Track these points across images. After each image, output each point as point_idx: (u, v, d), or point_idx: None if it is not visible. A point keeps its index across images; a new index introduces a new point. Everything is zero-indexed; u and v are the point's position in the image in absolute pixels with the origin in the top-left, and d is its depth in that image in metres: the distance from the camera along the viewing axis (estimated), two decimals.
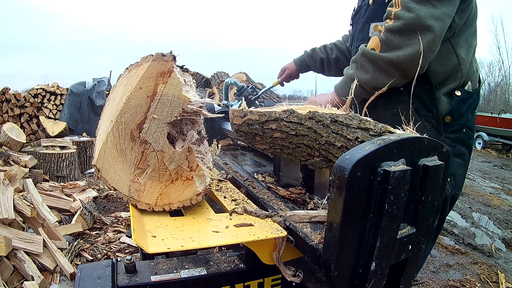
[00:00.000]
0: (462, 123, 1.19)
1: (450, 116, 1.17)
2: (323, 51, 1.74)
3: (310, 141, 0.83)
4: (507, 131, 9.57)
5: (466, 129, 1.20)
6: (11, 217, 2.15)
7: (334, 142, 0.76)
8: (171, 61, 0.84)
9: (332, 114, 0.79)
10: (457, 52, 1.14)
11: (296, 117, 0.85)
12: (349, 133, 0.74)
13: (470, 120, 1.21)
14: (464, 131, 1.20)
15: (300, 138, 0.86)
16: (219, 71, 5.99)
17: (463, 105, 1.17)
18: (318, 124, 0.80)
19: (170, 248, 0.66)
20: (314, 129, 0.81)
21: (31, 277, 1.97)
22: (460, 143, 1.21)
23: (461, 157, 1.22)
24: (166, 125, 0.85)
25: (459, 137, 1.19)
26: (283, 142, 0.92)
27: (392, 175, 0.57)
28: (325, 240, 0.63)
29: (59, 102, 5.75)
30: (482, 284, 2.57)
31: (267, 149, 1.04)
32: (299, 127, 0.85)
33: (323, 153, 0.82)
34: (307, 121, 0.83)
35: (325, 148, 0.80)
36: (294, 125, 0.86)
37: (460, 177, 1.26)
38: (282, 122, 0.89)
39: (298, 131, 0.85)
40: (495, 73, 19.06)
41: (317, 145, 0.82)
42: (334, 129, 0.77)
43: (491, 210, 4.40)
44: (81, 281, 0.80)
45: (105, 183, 0.86)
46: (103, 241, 2.67)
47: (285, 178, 1.07)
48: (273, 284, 0.95)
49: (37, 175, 3.48)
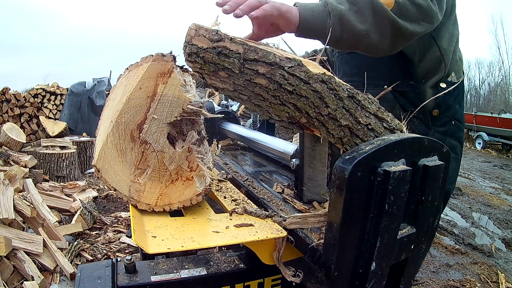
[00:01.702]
0: (450, 115, 1.19)
1: (437, 109, 1.16)
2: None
3: (307, 105, 0.71)
4: (507, 131, 9.56)
5: (455, 121, 1.20)
6: (11, 217, 2.15)
7: (339, 118, 0.69)
8: (171, 61, 0.84)
9: (351, 88, 0.70)
10: (439, 44, 1.12)
11: (304, 73, 0.69)
12: (362, 116, 0.69)
13: (458, 111, 1.20)
14: (453, 123, 1.19)
15: (295, 97, 0.71)
16: None
17: (449, 96, 1.16)
18: (330, 92, 0.69)
19: (170, 249, 0.66)
20: (322, 96, 0.69)
21: (31, 277, 1.97)
22: (450, 135, 1.19)
23: (453, 151, 1.20)
24: (166, 126, 0.85)
25: (448, 129, 1.18)
26: (263, 93, 0.75)
27: (392, 175, 0.57)
28: (325, 240, 0.63)
29: (59, 102, 5.75)
30: (482, 284, 2.57)
31: (230, 92, 0.81)
32: (303, 85, 0.70)
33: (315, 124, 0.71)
34: (317, 83, 0.69)
35: (323, 120, 0.71)
36: (296, 81, 0.70)
37: (453, 171, 1.24)
38: (279, 71, 0.71)
39: (299, 89, 0.70)
40: (495, 73, 19.09)
41: (314, 113, 0.71)
42: (347, 105, 0.68)
43: (491, 210, 4.40)
44: (81, 281, 0.80)
45: (105, 184, 0.86)
46: (103, 241, 2.67)
47: (309, 193, 0.91)
48: (273, 284, 0.95)
49: (37, 175, 3.48)
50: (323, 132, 0.73)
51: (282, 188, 1.02)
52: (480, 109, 16.48)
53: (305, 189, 0.91)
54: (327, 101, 0.69)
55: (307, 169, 0.89)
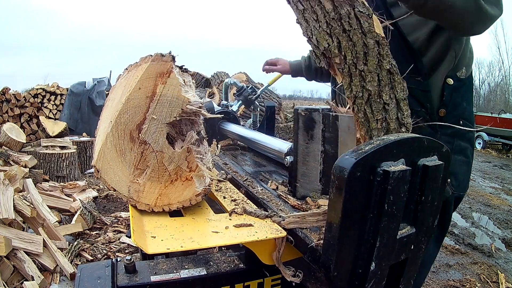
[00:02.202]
0: (458, 114, 1.10)
1: (444, 108, 1.07)
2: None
3: (350, 51, 0.72)
4: (507, 131, 9.56)
5: (463, 120, 1.11)
6: (11, 217, 2.15)
7: (368, 81, 0.71)
8: (170, 61, 0.84)
9: (395, 66, 0.73)
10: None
11: (368, 24, 0.71)
12: (386, 94, 0.71)
13: (466, 109, 1.12)
14: (461, 123, 1.10)
15: (345, 37, 0.71)
16: (219, 71, 5.99)
17: (456, 94, 1.09)
18: (376, 55, 0.72)
19: (170, 249, 0.66)
20: (367, 53, 0.71)
21: (31, 277, 1.97)
22: (459, 137, 1.10)
23: (463, 153, 1.13)
24: (166, 126, 0.85)
25: (457, 131, 1.07)
26: (321, 15, 0.73)
27: (392, 175, 0.57)
28: (325, 240, 0.63)
29: (59, 102, 5.75)
30: (482, 284, 2.57)
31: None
32: (359, 33, 0.70)
33: (345, 70, 0.73)
34: (371, 40, 0.71)
35: (353, 72, 0.72)
36: (356, 25, 0.70)
37: (463, 176, 1.15)
38: (348, 7, 0.71)
39: (353, 33, 0.70)
40: (495, 73, 19.06)
41: (351, 61, 0.72)
42: (382, 75, 0.71)
43: (491, 210, 4.40)
44: (81, 281, 0.80)
45: (105, 184, 0.86)
46: (103, 241, 2.67)
47: (302, 189, 0.93)
48: (273, 284, 0.95)
49: (37, 175, 3.48)
50: (345, 82, 0.73)
51: (276, 185, 1.04)
52: (480, 109, 16.45)
53: (299, 185, 0.93)
54: (368, 60, 0.70)
55: (300, 166, 0.92)
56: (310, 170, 0.90)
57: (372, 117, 0.74)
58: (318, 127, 0.87)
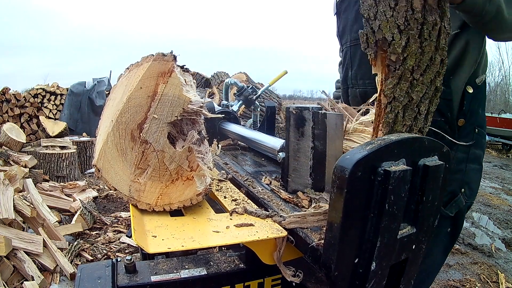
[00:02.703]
0: (474, 122, 1.08)
1: (463, 118, 1.04)
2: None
3: (411, 46, 0.68)
4: (507, 131, 9.56)
5: (478, 128, 1.10)
6: (11, 217, 2.15)
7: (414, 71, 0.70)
8: (172, 61, 0.84)
9: (441, 77, 0.73)
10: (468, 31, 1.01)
11: (443, 29, 0.69)
12: (419, 93, 0.70)
13: (480, 116, 1.10)
14: (476, 131, 1.09)
15: (414, 30, 0.67)
16: (219, 71, 5.98)
17: (475, 101, 1.05)
18: (435, 53, 0.70)
19: (171, 248, 0.66)
20: (424, 52, 0.69)
21: (31, 277, 1.97)
22: (474, 145, 1.09)
23: (477, 161, 1.11)
24: (167, 125, 0.85)
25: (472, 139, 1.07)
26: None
27: (393, 175, 0.57)
28: (326, 240, 0.63)
29: (59, 102, 5.75)
30: (482, 284, 2.57)
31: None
32: (430, 32, 0.68)
33: (390, 66, 0.70)
34: (439, 44, 0.69)
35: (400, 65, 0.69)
36: (430, 19, 0.67)
37: (476, 184, 1.14)
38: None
39: (425, 29, 0.67)
40: (495, 73, 19.05)
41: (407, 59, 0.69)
42: (430, 69, 0.70)
43: (491, 210, 4.40)
44: (81, 281, 0.80)
45: (105, 183, 0.86)
46: (103, 241, 2.67)
47: (293, 184, 0.97)
48: (273, 284, 0.95)
49: (37, 175, 3.48)
50: (391, 81, 0.71)
51: (270, 180, 1.08)
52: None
53: (290, 180, 0.97)
54: (427, 73, 0.70)
55: (292, 161, 0.95)
56: (300, 166, 0.94)
57: (401, 122, 0.74)
58: (308, 124, 0.91)
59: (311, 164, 0.92)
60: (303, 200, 0.91)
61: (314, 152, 0.91)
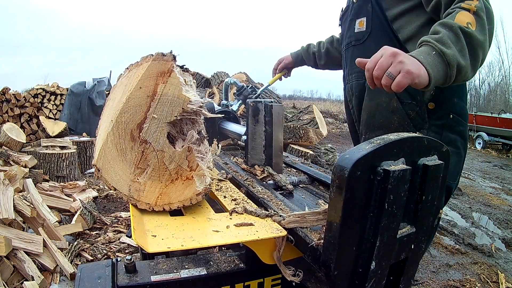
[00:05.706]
0: (448, 108, 1.17)
1: (433, 102, 1.15)
2: (315, 46, 1.81)
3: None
4: (507, 131, 9.56)
5: (454, 114, 1.17)
6: (11, 217, 2.15)
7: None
8: (171, 60, 0.84)
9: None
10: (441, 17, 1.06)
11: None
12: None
13: (457, 105, 1.18)
14: (451, 117, 1.17)
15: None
16: (219, 71, 5.98)
17: (446, 90, 1.13)
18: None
19: (170, 248, 0.66)
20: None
21: (31, 277, 1.97)
22: (447, 129, 1.17)
23: (452, 144, 1.19)
24: (166, 125, 0.85)
25: (445, 123, 1.16)
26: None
27: (392, 174, 0.57)
28: (325, 240, 0.63)
29: (59, 102, 5.74)
30: (482, 284, 2.57)
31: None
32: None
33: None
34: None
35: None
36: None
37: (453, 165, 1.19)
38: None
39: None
40: (495, 73, 19.04)
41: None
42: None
43: (491, 210, 4.40)
44: (81, 281, 0.80)
45: (105, 183, 0.86)
46: (103, 241, 2.67)
47: (252, 159, 1.27)
48: (273, 284, 0.95)
49: (37, 175, 3.48)
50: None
51: (237, 158, 1.41)
52: (480, 109, 16.45)
53: (250, 156, 1.27)
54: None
55: (250, 142, 1.25)
56: (256, 145, 1.24)
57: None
58: (261, 113, 1.20)
59: (263, 144, 1.22)
60: (257, 170, 1.21)
61: (266, 134, 1.21)
